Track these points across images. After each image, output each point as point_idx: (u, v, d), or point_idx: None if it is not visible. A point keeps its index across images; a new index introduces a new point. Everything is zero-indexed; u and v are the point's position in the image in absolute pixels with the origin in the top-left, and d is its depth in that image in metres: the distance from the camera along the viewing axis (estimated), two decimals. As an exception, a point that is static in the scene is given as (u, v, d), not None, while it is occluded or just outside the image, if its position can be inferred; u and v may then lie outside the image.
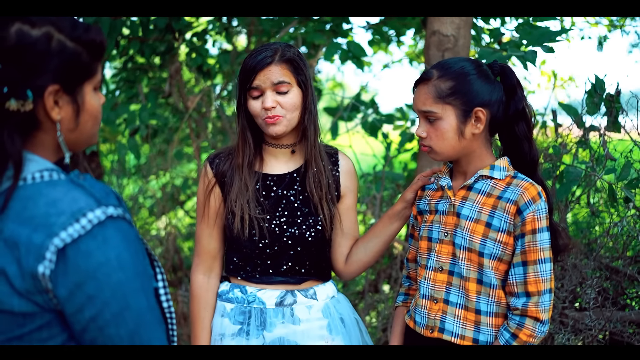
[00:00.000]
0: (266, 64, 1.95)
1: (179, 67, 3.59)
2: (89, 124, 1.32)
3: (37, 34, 1.20)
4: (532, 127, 1.87)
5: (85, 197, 1.19)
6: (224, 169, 2.08)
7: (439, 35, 2.96)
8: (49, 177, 1.23)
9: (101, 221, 1.17)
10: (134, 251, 1.21)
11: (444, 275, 1.86)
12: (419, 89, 1.84)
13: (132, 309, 1.20)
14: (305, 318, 2.07)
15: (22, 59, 1.20)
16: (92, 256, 1.16)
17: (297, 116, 2.02)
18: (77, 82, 1.27)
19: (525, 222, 1.75)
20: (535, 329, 1.75)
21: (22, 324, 1.20)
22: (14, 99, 1.19)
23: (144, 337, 1.21)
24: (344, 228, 2.15)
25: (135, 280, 1.20)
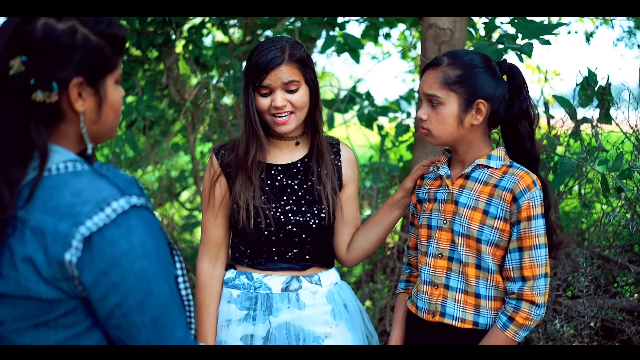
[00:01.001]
0: (277, 64, 1.99)
1: (176, 59, 3.61)
2: (111, 115, 1.36)
3: (62, 28, 1.24)
4: (534, 126, 1.93)
5: (109, 187, 1.22)
6: (229, 160, 2.12)
7: (436, 28, 3.00)
8: (73, 167, 1.26)
9: (125, 210, 1.20)
10: (157, 239, 1.24)
11: (444, 262, 1.92)
12: (427, 73, 1.90)
13: (155, 296, 1.23)
14: (310, 303, 2.11)
15: (48, 52, 1.23)
16: (117, 244, 1.19)
17: (305, 112, 2.07)
18: (100, 74, 1.30)
19: (520, 210, 1.81)
20: (531, 312, 1.81)
21: (48, 310, 1.24)
22: (40, 90, 1.23)
23: (167, 324, 1.25)
24: (346, 216, 2.20)
25: (158, 267, 1.23)
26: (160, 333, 1.24)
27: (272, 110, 2.03)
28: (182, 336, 1.27)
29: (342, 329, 2.14)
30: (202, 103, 3.72)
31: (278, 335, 2.09)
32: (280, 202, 2.10)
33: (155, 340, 1.24)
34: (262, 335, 2.09)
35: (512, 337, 1.82)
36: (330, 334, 2.12)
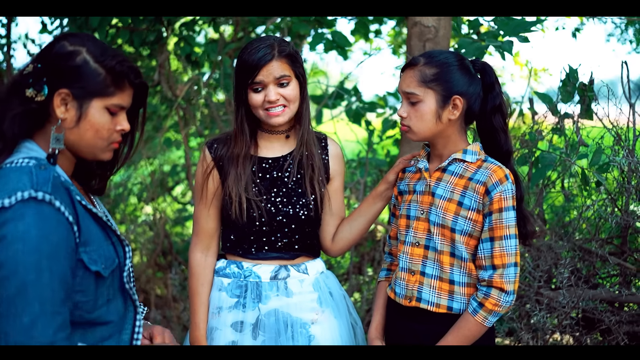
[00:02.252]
0: (267, 60, 2.08)
1: (168, 56, 3.68)
2: (89, 133, 1.58)
3: (69, 49, 1.55)
4: (507, 120, 2.03)
5: (26, 181, 1.44)
6: (221, 154, 2.20)
7: (420, 26, 3.07)
8: (25, 163, 1.49)
9: (24, 199, 1.41)
10: (46, 232, 1.41)
11: (421, 250, 2.01)
12: (405, 73, 1.99)
13: (17, 278, 1.38)
14: (297, 291, 2.20)
15: (51, 63, 1.54)
16: (5, 225, 1.40)
17: (297, 105, 2.16)
18: (87, 95, 1.55)
19: (492, 202, 1.91)
20: (500, 299, 1.90)
21: None
22: (32, 88, 1.53)
23: (18, 307, 1.37)
24: (332, 208, 2.29)
25: (32, 255, 1.39)
26: (10, 312, 1.37)
27: (266, 104, 2.11)
28: (27, 323, 1.37)
29: (328, 316, 2.22)
30: (193, 99, 3.79)
31: (267, 322, 2.17)
32: (270, 194, 2.18)
33: (4, 318, 1.37)
34: (251, 322, 2.17)
35: (482, 322, 1.91)
36: (316, 320, 2.20)
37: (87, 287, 1.53)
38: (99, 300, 1.57)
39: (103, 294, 1.58)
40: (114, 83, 1.57)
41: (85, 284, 1.52)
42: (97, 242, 1.57)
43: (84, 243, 1.52)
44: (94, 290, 1.55)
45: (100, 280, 1.56)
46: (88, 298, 1.53)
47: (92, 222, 1.58)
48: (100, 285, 1.56)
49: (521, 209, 2.02)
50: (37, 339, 1.37)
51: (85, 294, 1.52)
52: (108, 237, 1.62)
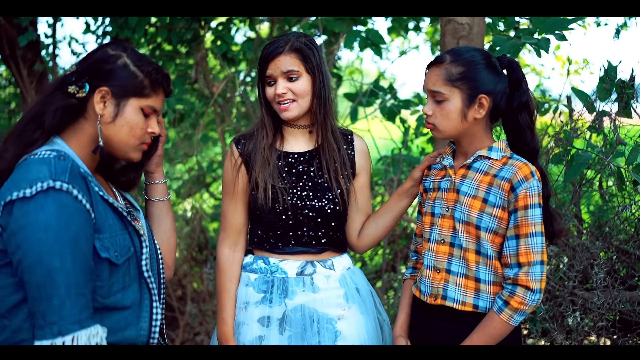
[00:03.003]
0: (277, 54, 2.14)
1: (205, 54, 3.74)
2: (124, 130, 1.72)
3: (111, 53, 1.71)
4: (534, 118, 2.01)
5: (46, 171, 1.53)
6: (248, 149, 2.25)
7: (454, 23, 3.04)
8: (46, 155, 1.58)
9: (43, 190, 1.50)
10: (65, 220, 1.50)
11: (446, 247, 2.00)
12: (431, 71, 1.99)
13: (42, 265, 1.48)
14: (324, 287, 2.22)
15: (95, 65, 1.70)
16: (27, 215, 1.49)
17: (308, 101, 2.19)
18: (125, 94, 1.70)
19: (518, 199, 1.89)
20: (525, 297, 1.88)
21: (2, 258, 1.57)
22: (75, 85, 1.67)
23: (48, 291, 1.48)
24: (358, 204, 2.31)
25: (55, 243, 1.48)
26: (42, 296, 1.48)
27: (276, 98, 2.16)
28: (56, 305, 1.47)
29: (355, 312, 2.23)
30: (229, 96, 3.85)
31: (293, 317, 2.19)
32: (297, 187, 2.21)
33: (38, 301, 1.49)
34: (278, 317, 2.20)
35: (507, 321, 1.89)
36: (343, 316, 2.22)
37: (101, 272, 1.61)
38: (114, 286, 1.65)
39: (118, 280, 1.66)
40: (150, 86, 1.73)
41: (100, 270, 1.61)
42: (112, 231, 1.65)
43: (98, 230, 1.61)
44: (108, 277, 1.63)
45: (114, 267, 1.65)
46: (103, 283, 1.62)
47: (110, 212, 1.67)
48: (114, 272, 1.65)
49: (548, 207, 1.99)
50: (67, 318, 1.48)
51: (100, 279, 1.61)
52: (125, 227, 1.70)
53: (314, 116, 2.22)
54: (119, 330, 1.66)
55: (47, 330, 1.47)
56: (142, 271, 1.73)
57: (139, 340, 1.71)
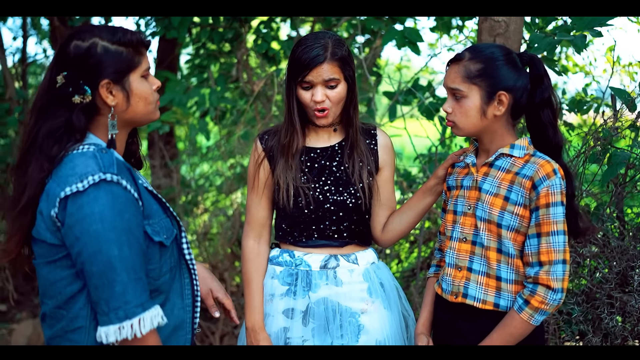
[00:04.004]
0: (319, 63, 2.13)
1: (245, 53, 3.81)
2: (140, 104, 1.73)
3: (86, 45, 1.64)
4: (557, 114, 1.98)
5: (94, 165, 1.58)
6: (272, 145, 2.29)
7: (491, 21, 3.02)
8: (87, 149, 1.63)
9: (96, 182, 1.55)
10: (119, 210, 1.56)
11: (468, 245, 2.00)
12: (450, 68, 1.99)
13: (102, 254, 1.54)
14: (347, 281, 2.25)
15: (79, 65, 1.64)
16: (83, 208, 1.55)
17: (341, 107, 2.22)
18: (123, 74, 1.68)
19: (539, 196, 1.87)
20: (546, 297, 1.86)
21: (55, 252, 1.63)
22: (77, 95, 1.64)
23: (110, 278, 1.54)
24: (382, 199, 2.33)
25: (111, 232, 1.54)
26: (104, 284, 1.55)
27: (312, 104, 2.17)
28: (119, 291, 1.54)
29: (378, 306, 2.26)
30: (270, 94, 3.92)
31: (317, 310, 2.23)
32: (319, 182, 2.25)
33: (100, 289, 1.55)
34: (302, 309, 2.24)
35: (528, 320, 1.87)
36: (366, 310, 2.24)
37: (152, 255, 1.68)
38: (164, 267, 1.72)
39: (167, 261, 1.73)
40: (136, 53, 1.70)
41: (151, 253, 1.67)
42: (158, 216, 1.72)
43: (147, 217, 1.67)
44: (159, 259, 1.70)
45: (164, 249, 1.71)
46: (154, 266, 1.69)
47: (151, 198, 1.73)
48: (163, 254, 1.72)
49: (572, 205, 1.96)
50: (131, 302, 1.55)
51: (152, 262, 1.68)
52: (165, 211, 1.77)
53: (346, 118, 2.25)
54: (167, 306, 1.74)
55: (113, 315, 1.54)
56: (184, 253, 1.80)
57: (185, 315, 1.79)
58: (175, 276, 1.78)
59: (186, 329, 1.80)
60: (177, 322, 1.77)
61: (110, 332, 1.54)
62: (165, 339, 1.73)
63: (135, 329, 1.54)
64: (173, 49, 4.70)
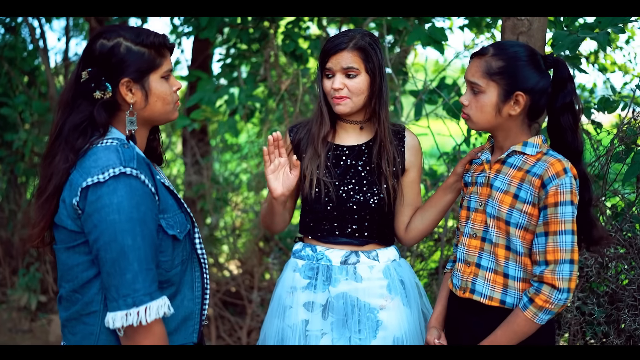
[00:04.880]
0: (339, 50, 2.20)
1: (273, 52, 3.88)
2: (158, 103, 1.81)
3: (110, 44, 1.74)
4: (578, 119, 1.97)
5: (115, 158, 1.66)
6: (300, 137, 2.36)
7: (514, 19, 3.00)
8: (109, 143, 1.72)
9: (116, 175, 1.63)
10: (135, 202, 1.63)
11: (477, 241, 2.02)
12: (473, 61, 2.00)
13: (117, 243, 1.61)
14: (366, 277, 2.29)
15: (102, 63, 1.74)
16: (102, 198, 1.63)
17: (362, 99, 2.25)
18: (143, 74, 1.76)
19: (548, 195, 1.87)
20: (551, 296, 1.86)
21: (75, 239, 1.72)
22: (98, 90, 1.74)
23: (122, 266, 1.62)
24: (407, 199, 2.36)
25: (127, 223, 1.62)
26: (116, 271, 1.62)
27: (332, 92, 2.23)
28: (130, 279, 1.62)
29: (397, 303, 2.29)
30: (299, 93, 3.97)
31: (336, 304, 2.28)
32: (344, 180, 2.30)
33: (112, 275, 1.63)
34: (321, 302, 2.30)
35: (531, 318, 1.88)
36: (385, 307, 2.28)
37: (165, 248, 1.75)
38: (176, 260, 1.79)
39: (179, 254, 1.80)
40: (157, 55, 1.79)
41: (164, 246, 1.75)
42: (172, 211, 1.79)
43: (162, 211, 1.75)
44: (172, 252, 1.77)
45: (177, 242, 1.78)
46: (167, 258, 1.76)
47: (167, 194, 1.81)
48: (176, 247, 1.79)
49: (589, 212, 1.96)
50: (139, 291, 1.62)
51: (164, 254, 1.75)
52: (179, 207, 1.85)
53: (371, 114, 2.29)
54: (177, 297, 1.82)
55: (121, 302, 1.62)
56: (196, 247, 1.87)
57: (195, 307, 1.86)
58: (186, 269, 1.84)
59: (195, 320, 1.86)
60: (187, 313, 1.84)
61: (118, 317, 1.62)
62: (175, 329, 1.80)
63: (141, 317, 1.61)
64: (206, 49, 4.80)
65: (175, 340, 1.81)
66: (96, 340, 1.74)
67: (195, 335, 1.86)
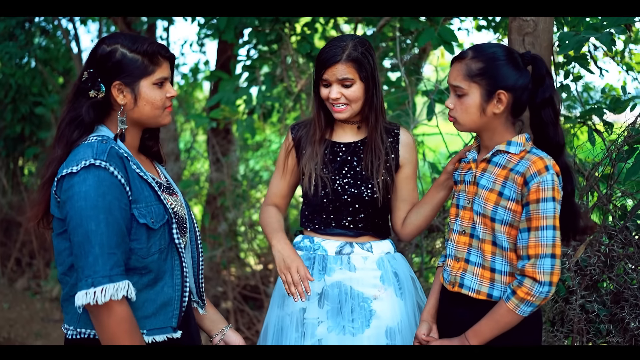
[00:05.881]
0: (334, 62, 2.30)
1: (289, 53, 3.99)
2: (147, 107, 1.95)
3: (109, 49, 1.91)
4: (558, 113, 2.03)
5: (90, 152, 1.82)
6: (300, 135, 2.49)
7: (519, 20, 3.05)
8: (93, 140, 1.88)
9: (86, 166, 1.79)
10: (102, 192, 1.78)
11: (466, 238, 2.10)
12: (454, 65, 2.07)
13: (82, 227, 1.76)
14: (360, 267, 2.40)
15: (99, 65, 1.92)
16: (72, 187, 1.79)
17: (360, 105, 2.37)
18: (135, 78, 1.92)
19: (530, 192, 1.94)
20: (532, 288, 1.92)
21: (61, 226, 1.87)
22: (93, 90, 1.91)
23: (86, 249, 1.76)
24: (402, 194, 2.46)
25: (92, 210, 1.76)
26: (81, 253, 1.76)
27: (330, 100, 2.34)
28: (91, 262, 1.75)
29: (390, 294, 2.39)
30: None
31: (331, 293, 2.39)
32: (339, 174, 2.41)
33: (78, 257, 1.77)
34: (317, 291, 2.41)
35: (513, 309, 1.95)
36: (378, 297, 2.38)
37: (140, 236, 1.88)
38: (152, 248, 1.91)
39: (155, 243, 1.92)
40: (151, 62, 1.92)
41: (139, 234, 1.88)
42: (147, 202, 1.92)
43: (135, 201, 1.88)
44: (146, 240, 1.90)
45: (151, 232, 1.91)
46: (142, 245, 1.89)
47: (146, 186, 1.94)
48: (151, 236, 1.91)
49: (572, 203, 2.02)
50: (99, 272, 1.75)
51: (139, 242, 1.88)
52: (159, 199, 1.96)
53: (364, 117, 2.40)
54: (158, 284, 1.94)
55: (83, 282, 1.75)
56: (174, 237, 1.98)
57: (174, 294, 1.98)
58: (166, 257, 1.96)
59: (174, 306, 1.97)
60: (166, 299, 1.95)
61: (79, 296, 1.75)
62: (154, 312, 1.92)
63: (97, 297, 1.73)
64: (228, 50, 4.94)
65: (154, 324, 1.92)
66: (78, 320, 1.89)
67: (175, 321, 1.97)
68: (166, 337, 1.93)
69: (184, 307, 2.01)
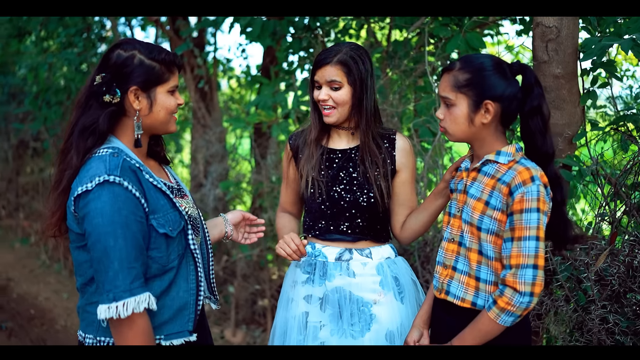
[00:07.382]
0: (324, 64, 2.39)
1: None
2: (162, 113, 2.00)
3: (125, 55, 1.94)
4: (547, 122, 2.03)
5: (102, 168, 1.84)
6: (298, 144, 2.58)
7: (542, 26, 3.03)
8: (104, 152, 1.90)
9: (100, 183, 1.81)
10: (117, 207, 1.80)
11: (454, 246, 2.13)
12: (443, 76, 2.11)
13: (100, 243, 1.79)
14: (360, 273, 2.47)
15: (115, 71, 1.94)
16: (88, 204, 1.82)
17: (347, 108, 2.42)
18: (151, 85, 1.96)
19: (514, 202, 1.94)
20: (512, 298, 1.92)
21: (80, 240, 1.91)
22: (108, 94, 1.93)
23: (105, 264, 1.79)
24: (400, 199, 2.51)
25: (109, 226, 1.79)
26: (101, 269, 1.80)
27: (319, 102, 2.43)
28: (111, 277, 1.79)
29: (390, 298, 2.45)
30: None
31: (332, 297, 2.47)
32: (336, 181, 2.48)
33: (98, 272, 1.81)
34: (319, 296, 2.49)
35: (494, 319, 1.95)
36: (378, 301, 2.44)
37: (159, 245, 1.93)
38: (172, 255, 1.97)
39: (174, 250, 1.98)
40: (167, 70, 1.98)
41: (158, 243, 1.93)
42: (164, 211, 1.96)
43: (152, 212, 1.92)
44: (166, 248, 1.95)
45: (170, 239, 1.96)
46: (162, 254, 1.94)
47: (160, 195, 1.98)
48: (170, 244, 1.96)
49: (562, 213, 2.02)
50: (119, 287, 1.78)
51: (159, 250, 1.93)
52: (174, 206, 2.01)
53: (359, 122, 2.45)
54: (173, 289, 2.00)
55: (104, 296, 1.78)
56: (189, 243, 2.04)
57: (190, 298, 2.03)
58: (182, 263, 2.02)
59: (190, 309, 2.01)
60: (182, 304, 1.99)
61: (102, 310, 1.79)
62: (171, 317, 1.97)
63: (119, 311, 1.77)
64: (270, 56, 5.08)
65: (172, 329, 1.97)
66: (96, 329, 1.94)
67: (191, 324, 2.01)
68: (184, 340, 1.98)
69: (199, 310, 2.05)
